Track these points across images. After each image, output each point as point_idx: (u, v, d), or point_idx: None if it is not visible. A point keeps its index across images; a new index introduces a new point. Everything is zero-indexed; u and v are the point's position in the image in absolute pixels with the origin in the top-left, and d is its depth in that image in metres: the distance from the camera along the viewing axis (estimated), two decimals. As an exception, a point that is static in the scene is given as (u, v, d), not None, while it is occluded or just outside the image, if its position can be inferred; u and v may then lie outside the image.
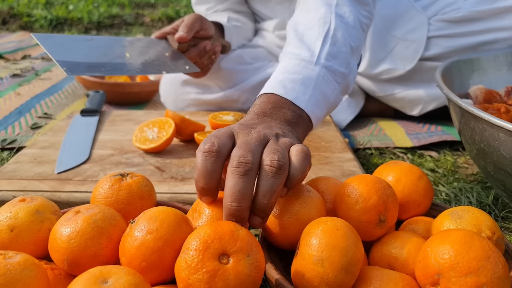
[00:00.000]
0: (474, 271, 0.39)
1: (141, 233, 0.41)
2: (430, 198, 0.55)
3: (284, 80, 0.61)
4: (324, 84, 0.63)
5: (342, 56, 0.66)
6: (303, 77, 0.62)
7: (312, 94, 0.61)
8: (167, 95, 1.10)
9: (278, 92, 0.60)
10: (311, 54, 0.64)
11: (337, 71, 0.65)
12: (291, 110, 0.59)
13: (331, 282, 0.41)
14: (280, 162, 0.45)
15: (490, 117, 0.57)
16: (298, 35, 0.68)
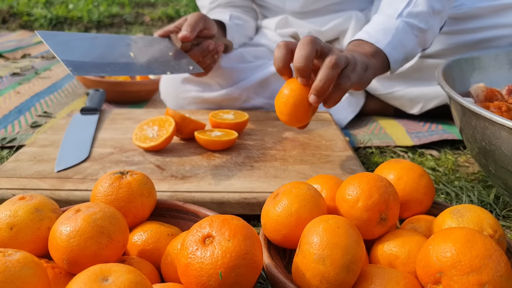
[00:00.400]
0: (476, 270, 0.39)
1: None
2: (431, 196, 0.55)
3: (369, 30, 0.79)
4: (403, 35, 0.79)
5: (422, 16, 0.81)
6: (384, 27, 0.79)
7: (391, 40, 0.77)
8: (168, 93, 1.10)
9: (363, 37, 0.78)
10: (394, 11, 0.81)
11: (415, 26, 0.80)
12: (371, 48, 0.76)
13: (332, 280, 0.41)
14: (351, 83, 0.68)
15: (492, 115, 0.56)
16: (387, 0, 0.85)
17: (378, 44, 0.77)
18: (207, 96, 1.05)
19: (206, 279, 0.39)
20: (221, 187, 0.70)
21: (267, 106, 1.08)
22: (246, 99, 1.06)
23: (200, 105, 1.07)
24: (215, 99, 1.05)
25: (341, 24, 1.12)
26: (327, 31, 1.14)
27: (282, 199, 0.49)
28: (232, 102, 1.06)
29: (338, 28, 1.13)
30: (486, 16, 0.98)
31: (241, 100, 1.05)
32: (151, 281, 0.45)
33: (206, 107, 1.07)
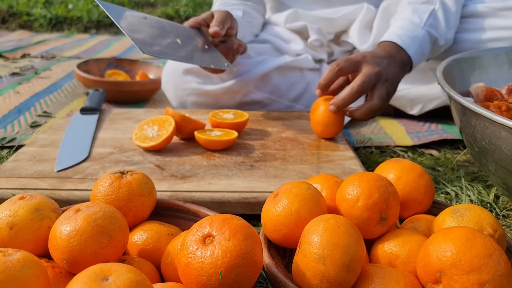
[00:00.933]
0: (476, 269, 0.39)
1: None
2: (431, 196, 0.55)
3: (401, 34, 0.89)
4: (424, 43, 0.91)
5: (439, 28, 0.94)
6: (414, 35, 0.90)
7: (417, 48, 0.89)
8: (168, 82, 1.09)
9: (398, 42, 0.88)
10: (420, 21, 0.92)
11: (433, 36, 0.93)
12: (405, 56, 0.88)
13: (333, 280, 0.41)
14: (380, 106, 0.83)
15: (492, 114, 0.56)
16: (411, 7, 0.95)
17: (409, 51, 0.88)
18: (207, 88, 1.04)
19: (206, 279, 0.39)
20: (221, 187, 0.70)
21: (267, 100, 1.08)
22: (246, 93, 1.06)
23: (199, 97, 1.06)
24: (215, 92, 1.04)
25: (352, 14, 1.14)
26: (338, 19, 1.15)
27: (282, 198, 0.49)
28: (232, 96, 1.06)
29: (349, 17, 1.15)
30: (490, 16, 0.98)
31: (241, 93, 1.05)
32: (151, 281, 0.45)
33: (205, 100, 1.06)
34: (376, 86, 0.82)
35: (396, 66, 0.85)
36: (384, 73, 0.82)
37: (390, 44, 0.88)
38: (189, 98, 1.06)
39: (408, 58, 0.88)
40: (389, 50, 0.87)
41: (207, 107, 1.08)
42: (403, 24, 0.92)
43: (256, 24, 1.19)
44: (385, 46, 0.88)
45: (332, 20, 1.15)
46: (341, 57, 1.21)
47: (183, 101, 1.08)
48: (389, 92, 0.84)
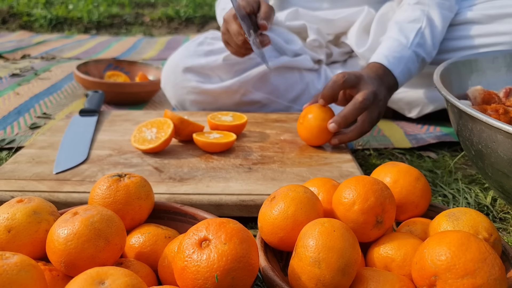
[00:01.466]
0: (471, 273, 0.39)
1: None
2: (427, 199, 0.55)
3: (388, 55, 0.91)
4: (411, 63, 0.92)
5: (426, 46, 0.95)
6: (400, 56, 0.91)
7: (403, 68, 0.91)
8: (168, 81, 1.09)
9: (385, 63, 0.90)
10: (406, 41, 0.93)
11: (420, 56, 0.94)
12: (392, 80, 0.89)
13: (328, 283, 0.41)
14: (369, 130, 0.85)
15: (488, 118, 0.57)
16: (398, 26, 0.96)
17: (395, 72, 0.90)
18: (206, 87, 1.05)
19: (202, 282, 0.40)
20: (219, 189, 0.70)
21: (266, 100, 1.09)
22: (245, 93, 1.06)
23: (198, 96, 1.06)
24: (214, 91, 1.05)
25: (353, 16, 1.14)
26: (338, 20, 1.15)
27: (278, 202, 0.49)
28: (231, 95, 1.06)
29: (349, 19, 1.15)
30: (487, 23, 0.99)
31: (240, 93, 1.05)
32: (148, 284, 0.46)
33: (204, 99, 1.06)
34: (371, 107, 0.83)
35: (385, 90, 0.87)
36: (379, 93, 0.83)
37: (378, 66, 0.89)
38: (188, 96, 1.06)
39: (395, 81, 0.90)
40: (378, 73, 0.88)
41: (206, 106, 1.08)
42: (390, 44, 0.93)
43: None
44: (374, 68, 0.89)
45: (332, 22, 1.16)
46: (340, 58, 1.22)
47: (182, 100, 1.08)
48: (380, 113, 0.85)
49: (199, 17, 3.37)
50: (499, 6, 0.98)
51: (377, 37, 1.09)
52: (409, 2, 1.01)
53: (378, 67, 0.89)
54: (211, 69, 1.04)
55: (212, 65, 1.03)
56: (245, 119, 0.91)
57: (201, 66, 1.04)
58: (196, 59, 1.05)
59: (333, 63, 1.22)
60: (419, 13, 0.97)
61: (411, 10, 0.99)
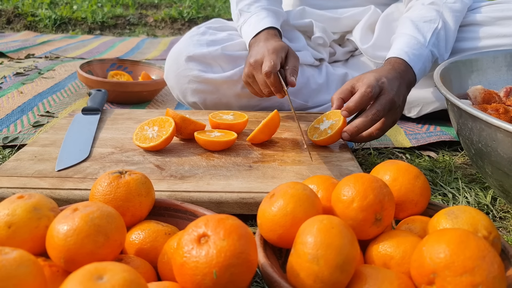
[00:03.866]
0: (470, 271, 0.39)
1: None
2: (427, 197, 0.55)
3: (408, 52, 0.90)
4: (428, 62, 0.93)
5: (440, 47, 0.96)
6: (419, 54, 0.91)
7: (421, 67, 0.91)
8: (170, 69, 1.09)
9: (406, 59, 0.89)
10: (424, 40, 0.94)
11: (435, 55, 0.95)
12: (412, 76, 0.89)
13: (326, 280, 0.41)
14: (379, 135, 0.84)
15: (488, 117, 0.57)
16: (414, 25, 0.96)
17: (415, 69, 0.90)
18: (208, 76, 1.04)
19: (201, 278, 0.40)
20: (220, 187, 0.70)
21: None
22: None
23: (200, 84, 1.05)
24: (216, 80, 1.05)
25: (359, 15, 1.15)
26: (344, 19, 1.15)
27: (278, 199, 0.49)
28: (231, 86, 1.06)
29: (355, 18, 1.16)
30: (489, 25, 0.99)
31: (240, 84, 1.05)
32: (148, 280, 0.46)
33: (206, 88, 1.06)
34: (387, 115, 0.82)
35: (405, 89, 0.86)
36: (397, 99, 0.82)
37: (399, 62, 0.89)
38: (189, 85, 1.06)
39: (414, 78, 0.89)
40: (399, 70, 0.87)
41: (207, 96, 1.07)
42: (409, 41, 0.93)
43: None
44: (395, 64, 0.88)
45: (338, 20, 1.16)
46: (342, 57, 1.22)
47: (184, 89, 1.08)
48: (395, 120, 0.85)
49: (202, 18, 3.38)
50: (504, 9, 0.99)
51: (381, 35, 1.10)
52: (423, 2, 1.01)
53: (400, 62, 0.89)
54: (213, 59, 1.04)
55: (214, 54, 1.04)
56: (246, 117, 0.91)
57: (203, 55, 1.04)
58: (198, 48, 1.05)
59: (335, 62, 1.22)
60: (435, 14, 0.98)
61: (426, 10, 0.99)
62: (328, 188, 0.55)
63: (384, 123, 0.83)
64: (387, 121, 0.83)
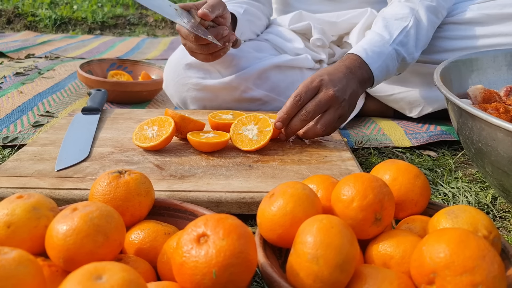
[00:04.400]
0: (470, 270, 0.39)
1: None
2: (427, 197, 0.55)
3: (367, 49, 0.89)
4: (390, 60, 0.91)
5: (408, 46, 0.93)
6: (380, 51, 0.89)
7: (381, 64, 0.89)
8: (169, 78, 1.10)
9: (362, 55, 0.88)
10: (390, 38, 0.92)
11: (401, 54, 0.92)
12: (366, 72, 0.88)
13: (326, 280, 0.41)
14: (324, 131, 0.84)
15: (488, 116, 0.57)
16: (384, 22, 0.95)
17: (371, 66, 0.88)
18: (207, 83, 1.05)
19: (200, 278, 0.40)
20: (219, 187, 0.70)
21: (266, 98, 1.09)
22: (245, 90, 1.06)
23: (199, 92, 1.06)
24: (215, 87, 1.05)
25: (356, 17, 1.15)
26: (341, 22, 1.16)
27: (277, 198, 0.49)
28: (231, 91, 1.06)
29: (352, 21, 1.16)
30: (489, 23, 0.99)
31: (240, 90, 1.06)
32: (147, 280, 0.46)
33: (205, 95, 1.06)
34: (327, 111, 0.82)
35: (355, 83, 0.85)
36: (341, 95, 0.82)
37: (354, 58, 0.89)
38: (189, 93, 1.07)
39: (370, 74, 0.88)
40: (351, 65, 0.87)
41: (207, 104, 1.08)
42: (372, 38, 0.92)
43: (258, 24, 1.19)
44: (348, 60, 0.88)
45: (335, 24, 1.16)
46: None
47: (184, 97, 1.08)
48: (343, 114, 0.84)
49: (202, 18, 3.37)
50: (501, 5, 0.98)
51: None
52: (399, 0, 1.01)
53: (354, 59, 0.88)
54: (210, 64, 1.05)
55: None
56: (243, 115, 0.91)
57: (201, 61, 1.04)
58: None
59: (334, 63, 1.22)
60: (408, 12, 0.96)
61: (400, 8, 0.98)
62: (328, 188, 0.54)
63: (326, 118, 0.82)
64: (330, 116, 0.82)
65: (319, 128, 0.83)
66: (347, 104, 0.84)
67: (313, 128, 0.84)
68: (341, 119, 0.85)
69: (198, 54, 0.98)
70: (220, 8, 0.93)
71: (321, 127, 0.83)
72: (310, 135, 0.86)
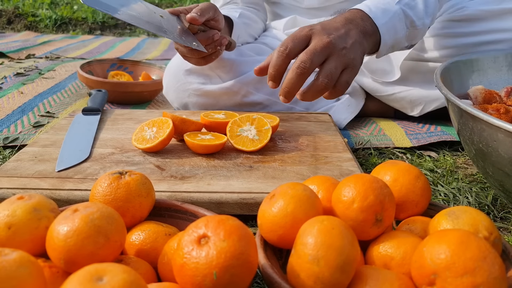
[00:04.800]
0: (470, 272, 0.39)
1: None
2: (427, 198, 0.55)
3: (370, 5, 0.82)
4: (397, 20, 0.83)
5: (417, 10, 0.85)
6: (385, 8, 0.82)
7: (387, 22, 0.81)
8: (169, 85, 1.10)
9: (365, 10, 0.81)
10: None
11: (409, 17, 0.84)
12: (370, 25, 0.80)
13: (327, 281, 0.41)
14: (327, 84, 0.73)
15: (489, 117, 0.57)
16: None
17: (376, 21, 0.80)
18: (207, 88, 1.05)
19: (201, 279, 0.40)
20: (220, 188, 0.70)
21: (267, 102, 1.09)
22: (246, 94, 1.06)
23: (200, 98, 1.06)
24: (215, 92, 1.05)
25: None
26: None
27: (278, 199, 0.49)
28: (232, 96, 1.06)
29: None
30: (489, 19, 0.98)
31: (241, 94, 1.06)
32: (148, 281, 0.46)
33: (206, 100, 1.06)
34: (327, 61, 0.73)
35: (357, 33, 0.77)
36: (339, 42, 0.73)
37: (355, 11, 0.81)
38: (190, 99, 1.07)
39: (375, 28, 0.80)
40: (351, 17, 0.79)
41: (208, 109, 1.08)
42: None
43: (255, 27, 1.19)
44: (347, 13, 0.81)
45: None
46: None
47: (185, 103, 1.09)
48: (348, 62, 0.75)
49: (202, 17, 3.37)
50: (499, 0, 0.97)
51: None
52: None
53: (355, 12, 0.81)
54: (210, 68, 1.05)
55: (211, 64, 1.04)
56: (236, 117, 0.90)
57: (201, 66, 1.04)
58: None
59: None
60: None
61: None
62: (329, 189, 0.54)
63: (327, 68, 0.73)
64: (330, 65, 0.73)
65: (320, 80, 0.73)
66: (351, 53, 0.74)
67: (314, 83, 0.74)
68: (348, 70, 0.75)
69: (190, 58, 0.98)
70: (210, 11, 0.92)
71: (323, 79, 0.73)
72: (312, 93, 0.75)
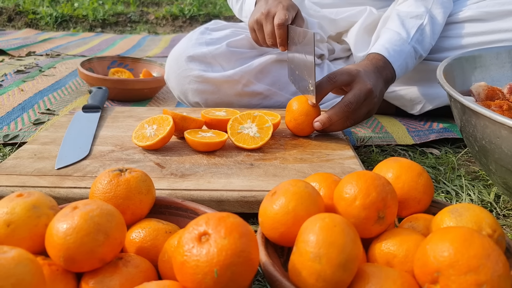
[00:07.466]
0: (474, 269, 0.38)
1: None
2: (430, 195, 0.55)
3: (389, 48, 0.92)
4: (409, 58, 0.95)
5: (424, 43, 0.98)
6: (400, 50, 0.93)
7: (402, 63, 0.92)
8: (171, 70, 1.09)
9: (385, 55, 0.91)
10: (407, 36, 0.96)
11: (418, 52, 0.97)
12: (390, 72, 0.91)
13: (329, 279, 0.40)
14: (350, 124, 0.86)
15: (492, 114, 0.56)
16: (400, 20, 0.98)
17: (394, 65, 0.90)
18: (209, 75, 1.05)
19: (201, 277, 0.39)
20: (220, 185, 0.70)
21: (268, 92, 1.08)
22: (246, 83, 1.06)
23: (201, 84, 1.05)
24: (216, 80, 1.05)
25: (354, 16, 1.15)
26: (340, 20, 1.16)
27: (279, 197, 0.49)
28: (232, 85, 1.06)
29: (351, 19, 1.16)
30: (491, 20, 0.98)
31: (241, 83, 1.05)
32: (148, 279, 0.45)
33: (207, 88, 1.06)
34: (362, 105, 0.83)
35: (382, 83, 0.88)
36: (374, 90, 0.83)
37: (378, 58, 0.91)
38: (190, 86, 1.06)
39: (393, 73, 0.91)
40: (377, 65, 0.89)
41: (208, 97, 1.07)
42: (392, 37, 0.95)
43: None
44: (374, 60, 0.90)
45: (334, 21, 1.16)
46: (343, 54, 1.21)
47: (185, 90, 1.08)
48: (371, 110, 0.86)
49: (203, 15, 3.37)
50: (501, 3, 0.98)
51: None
52: None
53: (378, 58, 0.91)
54: (213, 57, 1.05)
55: (214, 53, 1.04)
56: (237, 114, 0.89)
57: (204, 54, 1.05)
58: (198, 48, 1.06)
59: (335, 60, 1.22)
60: (423, 10, 0.99)
61: (415, 6, 1.01)
62: (330, 186, 0.54)
63: (357, 113, 0.84)
64: (362, 110, 0.84)
65: (349, 122, 0.84)
66: (378, 101, 0.86)
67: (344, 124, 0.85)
68: (367, 115, 0.86)
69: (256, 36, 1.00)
70: (303, 25, 0.96)
71: (351, 122, 0.85)
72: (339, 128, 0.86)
